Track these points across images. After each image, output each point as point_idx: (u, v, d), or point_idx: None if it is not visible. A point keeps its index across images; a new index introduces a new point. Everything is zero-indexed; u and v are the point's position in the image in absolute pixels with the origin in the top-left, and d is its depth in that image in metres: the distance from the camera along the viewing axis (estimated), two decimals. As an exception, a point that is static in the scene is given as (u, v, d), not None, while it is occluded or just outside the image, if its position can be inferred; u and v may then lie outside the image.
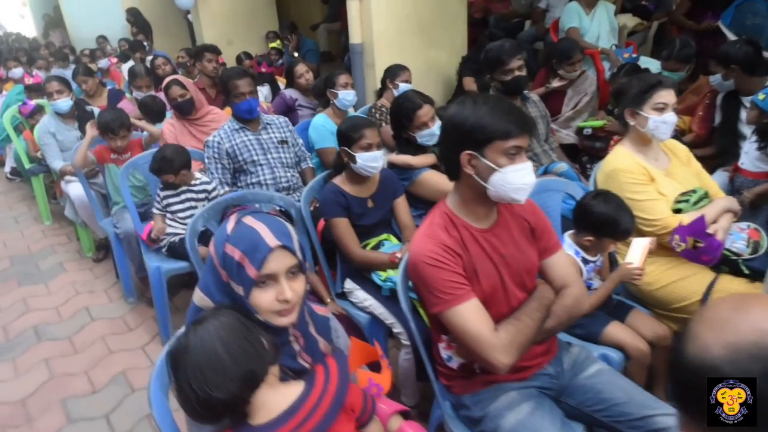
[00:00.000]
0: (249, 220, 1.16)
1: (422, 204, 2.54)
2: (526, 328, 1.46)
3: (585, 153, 3.62)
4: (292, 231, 1.18)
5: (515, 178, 1.42)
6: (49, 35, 9.77)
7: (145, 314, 3.23)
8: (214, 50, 4.62)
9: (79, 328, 3.15)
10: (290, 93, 4.23)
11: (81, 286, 3.62)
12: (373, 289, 2.21)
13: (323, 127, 3.32)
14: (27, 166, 4.73)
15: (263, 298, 1.12)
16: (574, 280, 1.63)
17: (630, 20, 5.42)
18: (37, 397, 2.60)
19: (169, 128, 3.49)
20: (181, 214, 2.83)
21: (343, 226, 2.24)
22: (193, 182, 2.83)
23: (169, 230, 2.85)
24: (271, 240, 1.11)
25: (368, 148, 2.22)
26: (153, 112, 3.89)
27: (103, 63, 6.27)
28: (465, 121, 1.43)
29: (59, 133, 3.91)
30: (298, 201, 2.98)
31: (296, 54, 6.21)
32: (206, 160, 2.97)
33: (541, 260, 1.63)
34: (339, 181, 2.32)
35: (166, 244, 2.86)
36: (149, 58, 6.42)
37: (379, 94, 3.78)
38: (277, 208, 2.47)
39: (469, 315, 1.42)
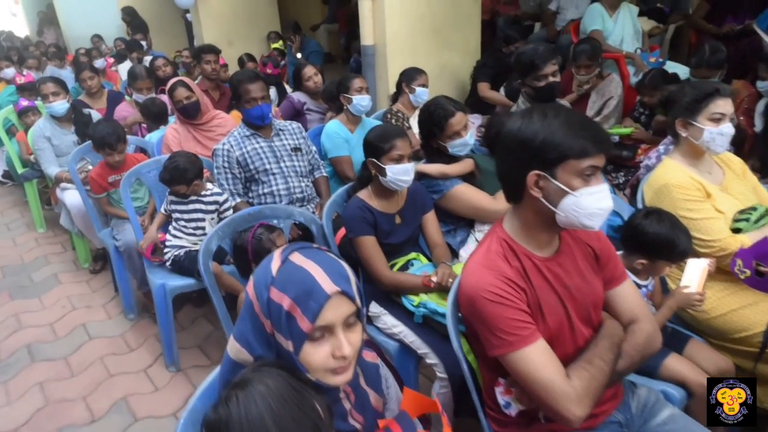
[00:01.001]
0: (298, 259, 0.96)
1: (452, 219, 2.36)
2: (600, 373, 1.28)
3: (610, 162, 3.46)
4: (349, 271, 0.99)
5: (590, 203, 1.24)
6: (43, 32, 9.50)
7: (146, 332, 3.03)
8: (214, 51, 4.42)
9: (75, 347, 2.94)
10: (298, 96, 4.03)
11: (77, 301, 3.40)
12: (404, 314, 2.02)
13: (337, 134, 3.13)
14: (20, 170, 4.50)
15: (317, 355, 0.93)
16: (645, 313, 1.45)
17: (645, 23, 5.26)
18: (31, 427, 2.39)
19: (173, 134, 3.29)
20: (187, 225, 2.63)
21: (370, 246, 2.05)
22: (203, 193, 2.63)
23: (173, 242, 2.65)
24: (327, 285, 0.92)
25: (399, 159, 2.03)
26: (154, 114, 3.70)
27: (99, 63, 6.04)
28: (534, 136, 1.24)
29: (55, 138, 3.69)
30: (314, 212, 2.83)
31: (299, 55, 6.01)
32: (215, 170, 2.77)
33: (606, 291, 1.45)
34: (365, 195, 2.13)
35: (170, 258, 2.65)
36: (148, 58, 6.22)
37: (394, 98, 3.59)
38: (292, 222, 2.28)
39: (538, 359, 1.24)
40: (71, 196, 3.52)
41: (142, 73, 4.21)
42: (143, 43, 6.48)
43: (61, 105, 3.64)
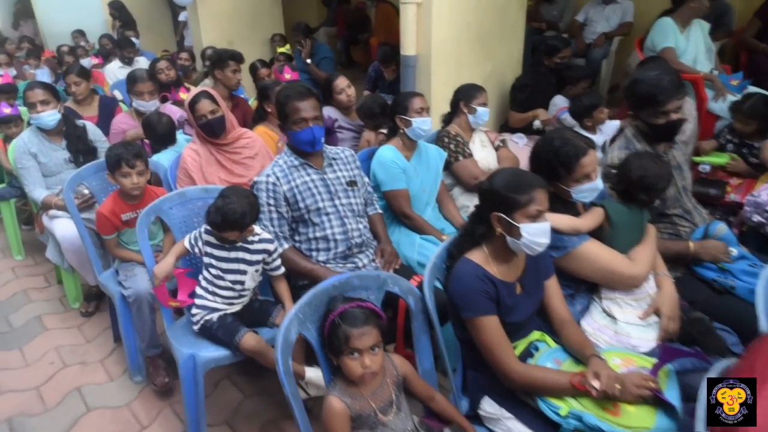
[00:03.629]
0: None
1: (571, 282, 1.88)
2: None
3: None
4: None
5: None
6: (19, 26, 8.68)
7: (159, 401, 2.47)
8: (237, 57, 3.88)
9: (71, 422, 2.36)
10: (328, 112, 3.51)
11: (69, 354, 2.81)
12: (539, 423, 1.53)
13: (393, 163, 2.62)
14: (-5, 187, 3.86)
15: None
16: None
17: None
18: None
19: (192, 156, 2.73)
20: (224, 278, 2.09)
21: (494, 329, 1.56)
22: (250, 238, 2.09)
23: (204, 301, 2.11)
24: None
25: (537, 216, 1.55)
26: (159, 135, 3.12)
27: (86, 63, 5.39)
28: None
29: (42, 154, 3.09)
30: (373, 261, 2.32)
31: (309, 61, 5.47)
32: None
33: None
34: (480, 259, 1.63)
35: (198, 321, 2.11)
36: (140, 59, 5.60)
37: (448, 119, 3.10)
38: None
39: None
40: (62, 227, 2.92)
41: (144, 75, 3.63)
42: (135, 40, 5.83)
43: (51, 116, 3.04)
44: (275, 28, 6.33)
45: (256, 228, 2.11)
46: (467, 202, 2.93)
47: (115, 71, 5.51)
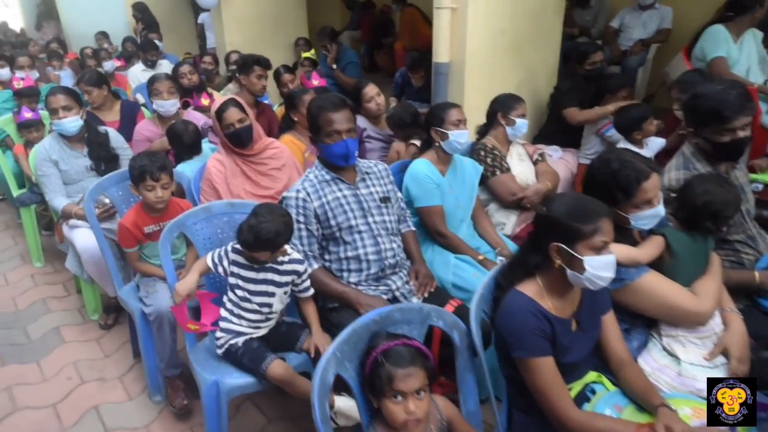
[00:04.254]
0: None
1: (627, 317, 1.72)
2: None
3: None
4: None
5: None
6: (42, 27, 8.70)
7: (180, 423, 2.35)
8: (264, 63, 3.76)
9: (88, 445, 2.25)
10: (357, 121, 3.37)
11: (87, 370, 2.71)
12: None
13: (428, 178, 2.47)
14: (15, 192, 3.80)
15: None
16: None
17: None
18: None
19: (217, 167, 2.62)
20: (252, 300, 1.97)
21: (549, 371, 1.41)
22: (280, 259, 1.97)
23: (229, 324, 1.99)
24: None
25: (602, 248, 1.40)
26: (185, 145, 3.01)
27: (108, 65, 5.34)
28: None
29: (63, 162, 3.00)
30: (407, 283, 2.18)
31: (335, 66, 5.36)
32: (286, 225, 2.11)
33: None
34: (533, 292, 1.49)
35: (223, 345, 1.99)
36: (164, 62, 5.54)
37: (484, 131, 2.95)
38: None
39: None
40: (82, 237, 2.83)
41: (162, 75, 3.54)
42: (159, 43, 5.77)
43: (73, 122, 2.95)
44: (299, 32, 6.23)
45: (287, 247, 1.98)
46: (503, 219, 2.79)
47: (137, 74, 5.46)
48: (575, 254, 1.39)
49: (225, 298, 2.03)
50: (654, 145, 3.06)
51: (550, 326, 1.44)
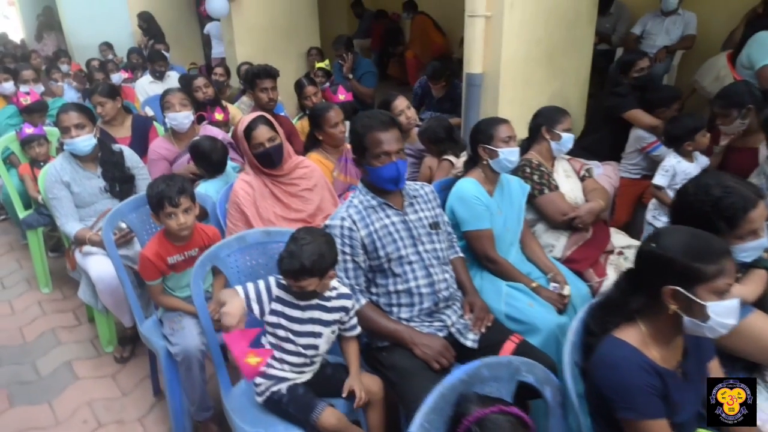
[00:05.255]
0: None
1: (727, 361, 1.52)
2: None
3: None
4: None
5: None
6: (42, 38, 8.51)
7: (209, 474, 2.14)
8: (272, 74, 3.54)
9: (109, 501, 2.04)
10: (385, 135, 3.18)
11: (103, 411, 2.50)
12: None
13: (477, 200, 2.27)
14: (21, 213, 3.60)
15: None
16: None
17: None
18: None
19: (245, 189, 2.42)
20: (296, 342, 1.76)
21: (665, 437, 1.21)
22: (327, 294, 1.77)
23: (271, 369, 1.78)
24: None
25: (726, 291, 1.20)
26: (212, 164, 2.82)
27: (116, 78, 5.14)
28: None
29: (76, 183, 2.79)
30: (461, 317, 1.98)
31: (351, 76, 5.18)
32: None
33: None
34: (635, 339, 1.29)
35: (265, 391, 1.78)
36: (172, 74, 5.35)
37: (526, 146, 2.76)
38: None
39: None
40: (97, 266, 2.62)
41: (174, 89, 3.35)
42: (166, 54, 5.58)
43: (86, 141, 2.75)
44: (311, 42, 6.06)
45: (333, 281, 1.78)
46: (553, 241, 2.59)
47: (145, 86, 5.27)
48: (696, 299, 1.19)
49: (263, 341, 1.82)
50: (702, 161, 2.87)
51: (661, 381, 1.24)
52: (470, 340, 1.94)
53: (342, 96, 3.54)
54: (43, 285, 3.55)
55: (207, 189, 2.72)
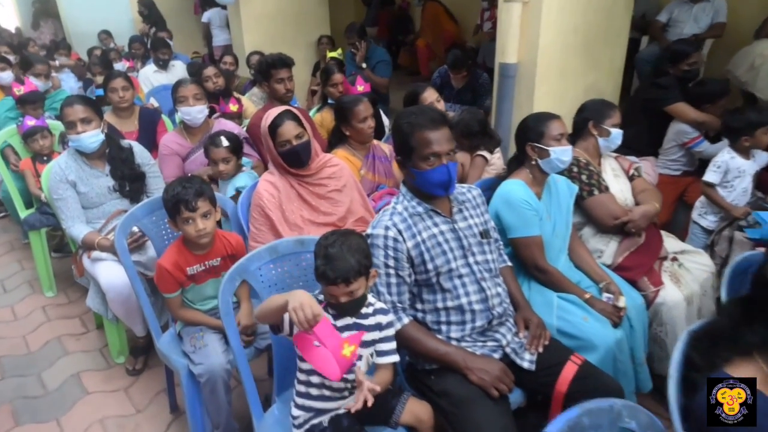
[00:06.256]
0: None
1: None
2: None
3: None
4: None
5: None
6: (39, 26, 8.22)
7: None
8: (288, 64, 3.30)
9: None
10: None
11: (117, 430, 2.31)
12: None
13: (526, 204, 2.07)
14: (22, 213, 3.38)
15: None
16: None
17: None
18: None
19: (269, 191, 2.22)
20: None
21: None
22: (363, 310, 1.57)
23: (304, 400, 1.59)
24: None
25: None
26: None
27: (119, 67, 4.90)
28: None
29: (82, 182, 2.58)
30: (516, 333, 1.78)
31: (364, 65, 4.95)
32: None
33: None
34: (757, 376, 1.10)
35: (303, 424, 1.59)
36: (177, 62, 5.12)
37: (570, 143, 2.54)
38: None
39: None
40: (108, 273, 2.42)
41: (186, 79, 3.14)
42: (170, 42, 5.33)
43: (93, 138, 2.53)
44: (321, 30, 5.81)
45: (369, 296, 1.59)
46: (602, 246, 2.39)
47: (149, 76, 5.05)
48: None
49: (298, 372, 1.62)
50: (761, 159, 2.68)
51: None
52: (527, 361, 1.76)
53: (361, 87, 3.32)
54: (46, 288, 3.35)
55: (229, 189, 2.54)
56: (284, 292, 1.62)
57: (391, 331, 1.63)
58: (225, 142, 2.63)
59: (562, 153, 2.10)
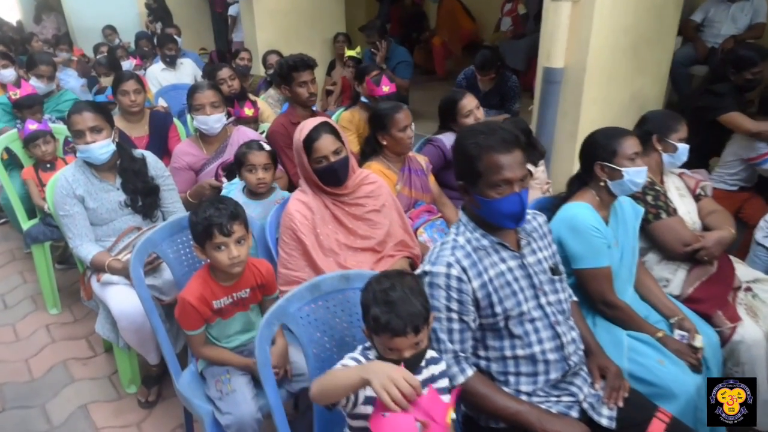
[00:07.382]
0: None
1: None
2: None
3: None
4: None
5: None
6: (42, 20, 7.95)
7: None
8: (311, 65, 3.04)
9: None
10: (448, 139, 2.73)
11: (129, 475, 2.08)
12: None
13: (596, 231, 1.83)
14: (25, 224, 3.15)
15: None
16: None
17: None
18: None
19: (302, 212, 1.98)
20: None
21: None
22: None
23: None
24: None
25: None
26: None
27: (127, 65, 4.66)
28: None
29: (91, 197, 2.35)
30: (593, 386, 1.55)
31: (384, 66, 4.70)
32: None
33: None
34: None
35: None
36: (186, 60, 4.88)
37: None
38: None
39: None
40: (119, 298, 2.19)
41: (203, 84, 2.89)
42: (178, 38, 5.06)
43: (103, 148, 2.29)
44: (337, 27, 5.57)
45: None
46: (668, 275, 2.16)
47: (157, 75, 4.79)
48: None
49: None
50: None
51: None
52: (605, 417, 1.53)
53: (386, 87, 3.07)
54: (50, 305, 3.12)
55: (231, 190, 2.34)
56: (329, 337, 1.40)
57: (444, 382, 1.40)
58: (266, 146, 2.39)
59: (636, 174, 1.86)
